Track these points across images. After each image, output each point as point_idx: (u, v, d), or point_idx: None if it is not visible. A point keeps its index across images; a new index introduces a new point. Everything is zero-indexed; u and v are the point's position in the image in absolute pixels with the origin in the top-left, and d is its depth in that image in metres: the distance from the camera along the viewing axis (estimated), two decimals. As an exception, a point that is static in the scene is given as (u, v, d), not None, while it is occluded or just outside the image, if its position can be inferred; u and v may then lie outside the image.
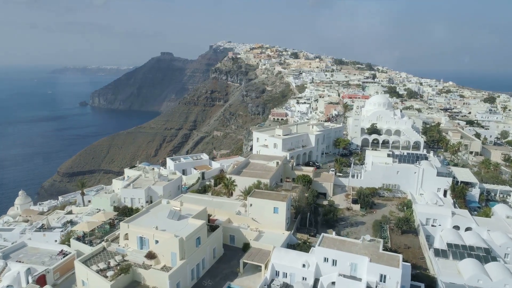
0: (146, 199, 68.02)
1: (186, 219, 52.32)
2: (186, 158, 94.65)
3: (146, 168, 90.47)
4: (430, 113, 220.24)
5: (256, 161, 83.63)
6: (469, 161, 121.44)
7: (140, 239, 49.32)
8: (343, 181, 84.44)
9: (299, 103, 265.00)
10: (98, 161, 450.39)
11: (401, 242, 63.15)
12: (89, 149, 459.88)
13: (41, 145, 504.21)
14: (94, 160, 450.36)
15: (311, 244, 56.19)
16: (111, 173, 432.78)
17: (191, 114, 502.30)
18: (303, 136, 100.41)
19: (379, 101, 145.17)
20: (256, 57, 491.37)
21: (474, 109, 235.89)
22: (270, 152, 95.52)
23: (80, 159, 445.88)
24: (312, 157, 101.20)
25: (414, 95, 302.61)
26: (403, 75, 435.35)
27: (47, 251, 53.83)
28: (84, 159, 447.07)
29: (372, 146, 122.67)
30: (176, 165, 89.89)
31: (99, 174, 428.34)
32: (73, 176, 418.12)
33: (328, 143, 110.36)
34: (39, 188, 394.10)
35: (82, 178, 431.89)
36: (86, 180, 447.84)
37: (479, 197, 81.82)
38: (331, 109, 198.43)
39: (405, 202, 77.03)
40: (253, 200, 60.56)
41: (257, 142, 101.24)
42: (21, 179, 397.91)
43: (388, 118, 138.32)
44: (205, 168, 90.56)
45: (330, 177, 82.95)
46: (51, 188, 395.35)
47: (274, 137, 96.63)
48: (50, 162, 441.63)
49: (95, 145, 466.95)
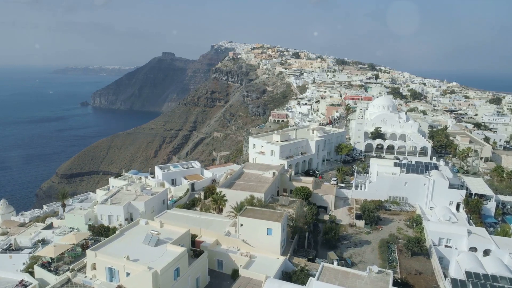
0: (126, 216, 61.04)
1: (164, 245, 45.27)
2: (175, 167, 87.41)
3: (133, 177, 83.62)
4: (436, 115, 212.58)
5: (251, 171, 76.45)
6: (480, 168, 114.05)
7: (110, 270, 42.34)
8: (345, 193, 77.07)
9: (300, 104, 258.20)
10: (97, 163, 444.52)
11: (411, 267, 55.93)
12: (88, 150, 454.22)
13: (41, 146, 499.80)
14: (93, 162, 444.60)
15: (309, 272, 49.09)
16: (110, 174, 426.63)
17: (191, 114, 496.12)
18: (302, 142, 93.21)
19: (383, 103, 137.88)
20: (257, 57, 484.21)
21: (481, 111, 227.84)
22: (267, 159, 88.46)
23: (79, 160, 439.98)
24: (312, 165, 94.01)
25: (418, 96, 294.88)
26: (406, 75, 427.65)
27: (6, 280, 46.88)
28: (83, 160, 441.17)
29: (376, 152, 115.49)
30: (164, 174, 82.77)
31: (98, 176, 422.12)
32: (72, 177, 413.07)
33: (329, 149, 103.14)
34: (37, 190, 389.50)
35: (81, 179, 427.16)
36: (84, 181, 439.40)
37: (495, 211, 74.54)
38: (333, 111, 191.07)
39: (414, 218, 69.75)
40: (244, 220, 53.53)
41: (253, 149, 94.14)
42: (20, 181, 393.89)
43: (393, 122, 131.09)
44: (196, 178, 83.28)
45: (331, 189, 75.70)
46: (50, 190, 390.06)
47: (272, 143, 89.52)
48: (50, 163, 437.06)
49: (94, 146, 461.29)
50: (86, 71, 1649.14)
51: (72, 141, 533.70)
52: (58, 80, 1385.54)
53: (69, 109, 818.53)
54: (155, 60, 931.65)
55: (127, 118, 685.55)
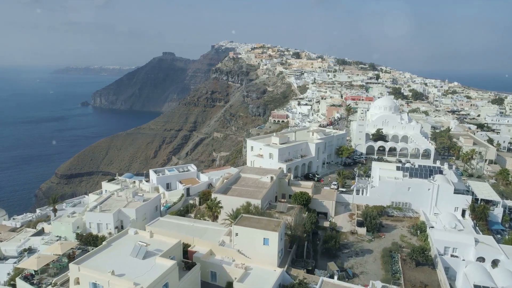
0: (116, 224, 58.20)
1: (153, 257, 42.50)
2: (171, 170, 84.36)
3: (127, 181, 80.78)
4: (438, 115, 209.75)
5: (248, 175, 73.56)
6: (484, 170, 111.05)
7: (94, 285, 39.58)
8: (346, 198, 74.13)
9: (300, 105, 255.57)
10: (96, 163, 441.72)
11: (416, 278, 53.03)
12: (87, 150, 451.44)
13: (41, 146, 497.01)
14: (92, 162, 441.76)
15: (307, 285, 46.29)
16: (109, 175, 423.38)
17: (191, 115, 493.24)
18: (302, 145, 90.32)
19: (385, 104, 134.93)
20: (257, 57, 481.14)
21: (484, 112, 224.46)
22: (266, 163, 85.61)
23: (78, 160, 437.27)
24: (312, 168, 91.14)
25: (420, 97, 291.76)
26: (407, 76, 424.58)
27: (-14, 294, 44.26)
28: (82, 161, 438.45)
29: (378, 154, 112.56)
30: (159, 178, 79.82)
31: (97, 176, 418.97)
32: (71, 178, 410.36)
33: (330, 151, 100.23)
34: (36, 190, 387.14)
35: (80, 180, 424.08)
36: (84, 182, 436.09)
37: (503, 217, 71.58)
38: (334, 112, 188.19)
39: (418, 225, 66.86)
40: (240, 229, 50.68)
41: (252, 151, 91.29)
42: (20, 182, 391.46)
43: (395, 123, 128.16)
44: (191, 182, 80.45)
45: (331, 194, 72.77)
46: (49, 191, 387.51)
47: (270, 146, 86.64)
48: (50, 164, 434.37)
49: (93, 147, 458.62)
50: (86, 71, 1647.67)
51: (72, 141, 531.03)
52: (58, 80, 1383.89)
53: (69, 109, 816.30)
54: (156, 60, 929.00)
55: (128, 118, 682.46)
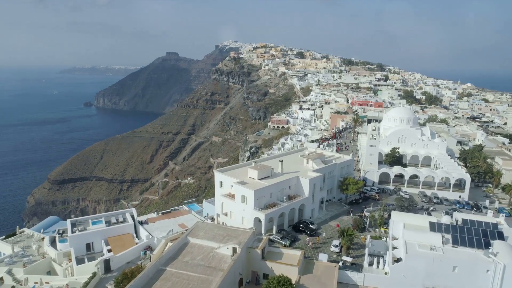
0: None
1: None
2: (97, 223, 57.25)
3: (34, 236, 56.00)
4: (459, 124, 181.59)
5: (200, 241, 47.64)
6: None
7: None
8: (353, 278, 47.58)
9: (302, 109, 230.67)
10: (90, 168, 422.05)
11: None
12: (81, 154, 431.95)
13: (42, 150, 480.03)
14: (86, 167, 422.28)
15: None
16: (103, 180, 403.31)
17: (190, 117, 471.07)
18: (290, 181, 64.42)
19: (401, 115, 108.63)
20: (259, 57, 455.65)
21: (510, 119, 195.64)
22: (237, 208, 60.10)
23: (72, 165, 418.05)
24: (305, 213, 65.32)
25: (434, 101, 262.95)
26: (417, 76, 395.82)
27: None
28: (76, 165, 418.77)
29: (394, 184, 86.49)
30: (74, 237, 52.23)
31: (91, 182, 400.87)
32: (64, 183, 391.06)
33: (331, 185, 74.35)
34: (28, 196, 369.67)
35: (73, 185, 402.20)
36: (77, 187, 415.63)
37: None
38: (338, 120, 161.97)
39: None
40: None
41: (221, 188, 65.69)
42: (17, 186, 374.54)
43: (414, 139, 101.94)
44: (122, 243, 52.29)
45: (329, 273, 46.96)
46: (40, 198, 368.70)
47: (244, 184, 60.71)
48: (46, 168, 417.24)
49: (88, 150, 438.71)
50: (92, 71, 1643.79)
51: (72, 144, 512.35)
52: (64, 80, 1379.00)
53: (72, 110, 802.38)
54: (159, 60, 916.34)
55: (131, 119, 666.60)
